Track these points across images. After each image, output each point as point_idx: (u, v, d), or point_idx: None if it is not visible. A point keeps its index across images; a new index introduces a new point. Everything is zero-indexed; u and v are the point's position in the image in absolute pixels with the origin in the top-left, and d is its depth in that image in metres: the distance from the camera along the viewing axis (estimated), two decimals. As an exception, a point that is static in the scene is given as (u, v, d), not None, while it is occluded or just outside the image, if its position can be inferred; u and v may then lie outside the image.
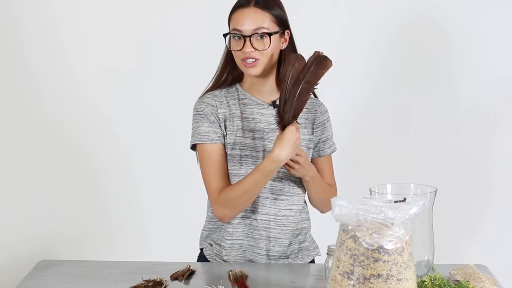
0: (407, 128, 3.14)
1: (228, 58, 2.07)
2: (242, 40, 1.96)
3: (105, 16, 3.12)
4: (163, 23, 3.11)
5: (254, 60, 1.97)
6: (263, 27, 1.96)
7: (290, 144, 1.90)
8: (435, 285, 1.62)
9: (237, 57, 1.99)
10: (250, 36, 1.95)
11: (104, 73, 3.15)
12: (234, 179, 2.05)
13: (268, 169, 1.93)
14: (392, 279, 1.39)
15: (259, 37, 1.96)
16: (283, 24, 2.01)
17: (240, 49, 1.96)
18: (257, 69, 1.99)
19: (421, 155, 3.13)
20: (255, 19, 1.96)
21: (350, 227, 1.42)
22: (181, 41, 3.11)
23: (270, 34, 1.97)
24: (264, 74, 2.03)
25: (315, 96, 2.17)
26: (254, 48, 1.96)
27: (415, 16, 3.07)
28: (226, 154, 2.05)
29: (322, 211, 2.19)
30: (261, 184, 1.96)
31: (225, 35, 2.01)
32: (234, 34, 1.97)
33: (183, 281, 1.86)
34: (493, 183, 3.14)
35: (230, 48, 2.00)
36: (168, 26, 3.11)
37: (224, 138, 2.04)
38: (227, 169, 2.05)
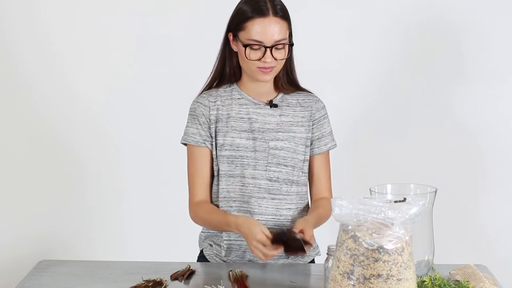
0: (407, 128, 3.13)
1: (224, 57, 2.06)
2: (262, 50, 1.94)
3: (98, 15, 3.11)
4: (157, 23, 3.10)
5: (270, 68, 1.97)
6: (283, 38, 1.95)
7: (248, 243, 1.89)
8: (435, 285, 1.62)
9: (253, 64, 1.96)
10: (271, 47, 1.93)
11: (99, 78, 3.15)
12: (228, 180, 2.05)
13: (227, 227, 1.98)
14: (392, 279, 1.39)
15: (278, 47, 1.95)
16: (291, 30, 2.02)
17: (259, 59, 1.95)
18: (271, 76, 2.00)
19: (421, 155, 3.12)
20: (278, 30, 1.94)
21: (350, 227, 1.42)
22: (175, 40, 3.10)
23: (290, 45, 1.98)
24: None
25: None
26: (274, 58, 1.95)
27: (416, 17, 3.06)
28: (213, 157, 2.06)
29: None
30: (221, 229, 2.03)
31: (245, 46, 1.94)
32: (254, 45, 1.93)
33: (183, 281, 1.86)
34: (493, 183, 3.14)
35: (248, 58, 1.95)
36: (162, 26, 3.10)
37: (213, 141, 2.05)
38: (211, 174, 2.08)
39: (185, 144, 2.10)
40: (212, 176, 2.10)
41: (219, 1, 3.01)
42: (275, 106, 2.07)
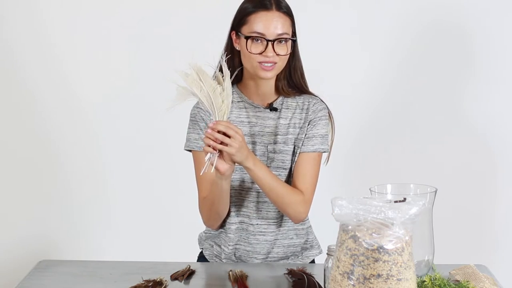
0: (407, 128, 3.14)
1: (228, 58, 2.00)
2: (264, 44, 1.91)
3: (98, 15, 3.12)
4: (157, 23, 3.10)
5: (272, 64, 1.93)
6: (286, 33, 1.93)
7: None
8: (435, 285, 1.62)
9: (254, 59, 1.93)
10: (273, 41, 1.92)
11: (97, 81, 3.16)
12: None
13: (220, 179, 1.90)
14: (392, 279, 1.39)
15: (280, 42, 1.93)
16: (294, 29, 2.00)
17: (261, 53, 1.93)
18: (273, 73, 1.96)
19: (421, 155, 3.12)
20: (280, 24, 1.93)
21: (350, 227, 1.42)
22: (174, 39, 3.10)
23: (293, 40, 1.96)
24: None
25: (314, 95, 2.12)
26: (276, 53, 1.93)
27: (420, 17, 3.07)
28: None
29: (293, 220, 2.05)
30: (220, 188, 1.93)
31: (246, 38, 1.93)
32: (256, 37, 1.92)
33: (183, 281, 1.86)
34: (493, 183, 3.14)
35: (249, 50, 1.93)
36: (161, 26, 3.10)
37: None
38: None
39: (190, 150, 2.08)
40: None
41: (219, 2, 3.03)
42: (275, 109, 2.04)
